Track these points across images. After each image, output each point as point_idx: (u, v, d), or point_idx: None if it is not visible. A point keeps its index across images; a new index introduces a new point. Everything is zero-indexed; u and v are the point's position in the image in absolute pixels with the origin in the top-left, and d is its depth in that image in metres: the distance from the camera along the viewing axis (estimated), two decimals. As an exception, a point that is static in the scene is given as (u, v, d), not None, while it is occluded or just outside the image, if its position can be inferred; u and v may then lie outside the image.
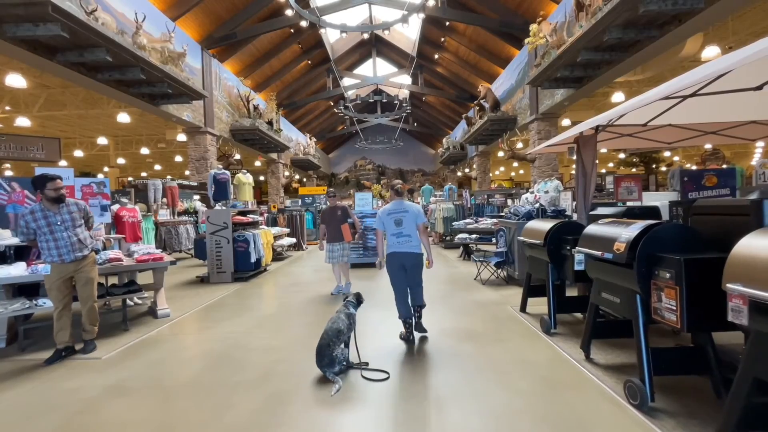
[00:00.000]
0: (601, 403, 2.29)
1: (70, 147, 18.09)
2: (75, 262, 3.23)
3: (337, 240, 5.29)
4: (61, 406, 2.49)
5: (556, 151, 6.32)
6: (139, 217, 5.56)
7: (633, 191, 5.56)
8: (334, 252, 5.31)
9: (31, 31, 6.43)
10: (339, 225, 5.27)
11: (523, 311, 4.12)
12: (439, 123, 28.02)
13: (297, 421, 2.22)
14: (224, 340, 3.65)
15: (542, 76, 10.47)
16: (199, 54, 12.67)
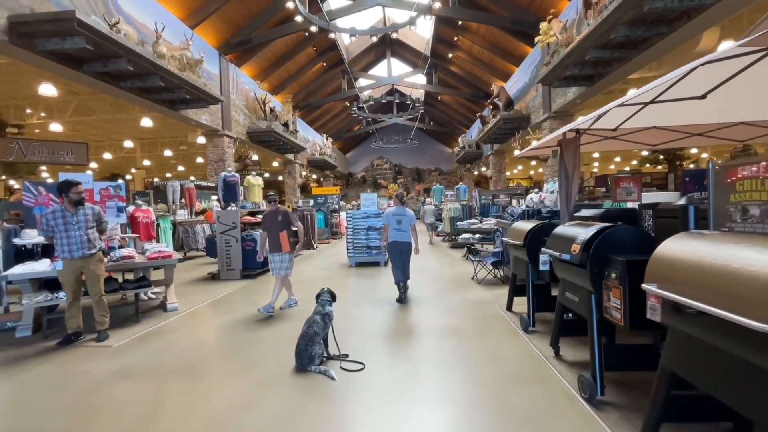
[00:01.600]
0: (556, 396, 2.41)
1: (99, 150, 19.13)
2: (83, 259, 3.60)
3: (276, 249, 4.66)
4: (73, 386, 2.82)
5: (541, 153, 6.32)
6: (152, 218, 5.97)
7: (632, 192, 5.53)
8: (273, 263, 4.68)
9: (59, 44, 6.94)
10: (278, 232, 4.67)
11: (509, 310, 4.23)
12: (455, 122, 27.92)
13: (270, 404, 2.45)
14: (222, 333, 3.93)
15: (552, 75, 10.39)
16: (216, 60, 13.18)
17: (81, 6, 8.11)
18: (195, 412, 2.39)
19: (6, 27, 6.63)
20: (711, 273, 1.40)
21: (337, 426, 2.19)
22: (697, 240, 1.58)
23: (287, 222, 4.73)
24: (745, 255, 1.31)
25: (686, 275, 1.51)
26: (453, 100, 24.53)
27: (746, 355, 1.29)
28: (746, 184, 1.78)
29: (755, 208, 1.74)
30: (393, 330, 3.82)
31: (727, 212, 1.87)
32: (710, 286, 1.39)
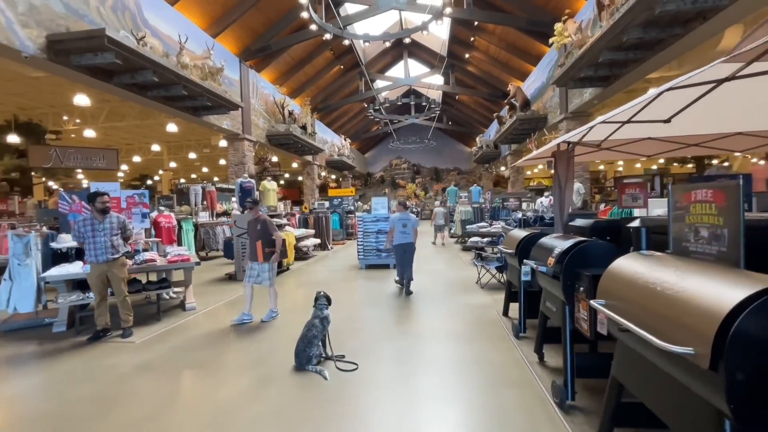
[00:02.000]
0: (530, 400, 2.56)
1: (130, 153, 20.15)
2: (107, 263, 3.98)
3: (253, 258, 4.58)
4: (101, 377, 3.17)
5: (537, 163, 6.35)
6: (173, 223, 6.39)
7: (638, 198, 5.53)
8: (251, 271, 4.57)
9: (91, 59, 7.48)
10: (255, 241, 4.57)
11: (505, 315, 4.36)
12: (473, 121, 27.75)
13: (270, 399, 2.71)
14: (233, 332, 4.25)
15: (566, 76, 10.31)
16: (237, 66, 13.69)
17: (111, 22, 8.66)
18: (204, 404, 2.68)
19: (45, 45, 7.20)
20: (640, 293, 1.55)
21: (327, 420, 2.42)
22: (639, 261, 1.72)
23: (266, 231, 4.55)
24: (667, 278, 1.45)
25: (622, 293, 1.65)
26: (471, 99, 24.41)
27: (665, 366, 1.44)
28: (698, 207, 1.89)
29: (705, 230, 1.86)
30: (391, 332, 4.03)
31: (684, 232, 1.99)
32: (639, 304, 1.53)
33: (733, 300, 1.16)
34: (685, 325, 1.28)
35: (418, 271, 7.66)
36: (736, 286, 1.22)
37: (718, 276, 1.38)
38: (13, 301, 4.37)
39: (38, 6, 7.11)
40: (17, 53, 6.87)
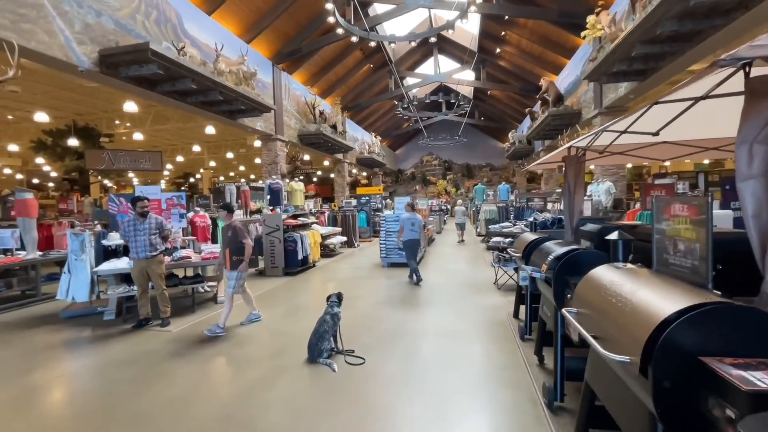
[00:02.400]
0: (522, 400, 2.67)
1: (174, 153, 21.51)
2: (146, 260, 4.46)
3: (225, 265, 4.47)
4: (141, 361, 3.60)
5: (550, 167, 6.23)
6: (208, 222, 6.91)
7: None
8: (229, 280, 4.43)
9: (137, 71, 8.15)
10: (225, 248, 4.43)
11: (515, 317, 4.42)
12: (506, 116, 27.14)
13: (282, 387, 3.00)
14: (258, 324, 4.62)
15: (598, 71, 9.97)
16: (270, 70, 14.26)
17: (155, 35, 9.36)
18: (225, 389, 3.01)
19: (97, 59, 7.93)
20: (601, 303, 1.64)
21: (331, 408, 2.67)
22: (608, 273, 1.81)
23: (236, 238, 4.38)
24: (624, 291, 1.55)
25: (589, 303, 1.75)
26: (503, 94, 23.88)
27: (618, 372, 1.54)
28: (676, 221, 1.95)
29: (681, 243, 1.91)
30: (401, 330, 4.23)
31: (665, 245, 2.05)
32: (600, 314, 1.63)
33: (663, 314, 1.26)
34: (628, 335, 1.39)
35: (439, 270, 7.80)
36: (673, 301, 1.32)
37: (666, 290, 1.46)
38: (71, 291, 4.98)
39: (92, 24, 7.83)
40: (74, 68, 7.63)
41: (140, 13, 8.98)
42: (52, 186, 24.08)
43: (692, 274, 1.84)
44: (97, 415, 2.68)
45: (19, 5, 6.62)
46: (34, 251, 6.02)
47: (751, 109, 1.41)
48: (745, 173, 1.43)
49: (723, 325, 1.21)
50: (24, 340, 4.29)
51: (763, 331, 1.19)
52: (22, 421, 2.67)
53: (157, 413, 2.64)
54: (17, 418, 2.71)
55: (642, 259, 2.32)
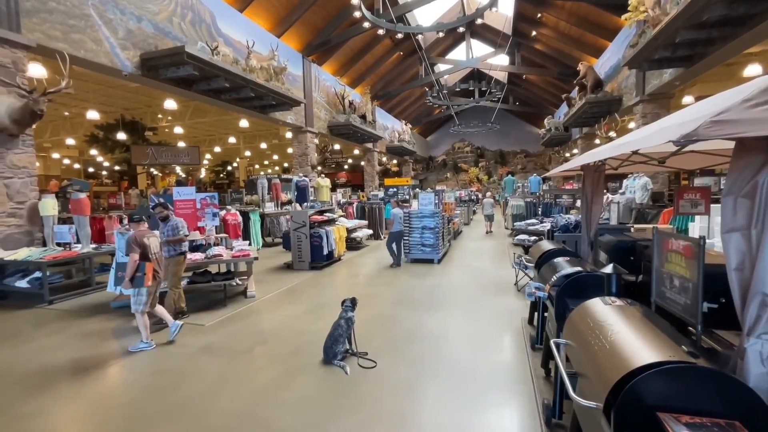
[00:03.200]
0: (522, 414, 2.75)
1: (212, 144, 22.47)
2: (166, 259, 4.77)
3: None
4: (175, 354, 4.00)
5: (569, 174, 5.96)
6: (239, 219, 7.31)
7: (698, 204, 5.15)
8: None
9: (175, 72, 8.61)
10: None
11: (530, 323, 4.44)
12: (542, 101, 26.02)
13: (299, 386, 3.25)
14: (282, 321, 4.93)
15: (639, 58, 9.40)
16: (300, 62, 14.47)
17: (191, 36, 9.77)
18: (246, 386, 3.30)
19: (139, 63, 8.43)
20: (586, 339, 1.70)
21: (341, 410, 2.88)
22: (598, 308, 1.84)
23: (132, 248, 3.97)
24: (603, 331, 1.59)
25: (577, 336, 1.80)
26: (539, 79, 22.89)
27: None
28: (673, 256, 1.94)
29: (677, 280, 1.91)
30: (414, 334, 4.37)
31: (663, 278, 2.04)
32: (581, 349, 1.69)
33: (630, 365, 1.32)
34: (599, 378, 1.45)
35: (462, 267, 7.84)
36: (643, 352, 1.36)
37: (642, 338, 1.50)
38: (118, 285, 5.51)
39: (134, 30, 8.31)
40: (119, 72, 8.16)
41: (176, 16, 9.39)
42: (105, 174, 25.94)
43: (684, 312, 1.85)
44: (136, 405, 3.05)
45: (69, 17, 7.14)
46: (87, 245, 6.66)
47: (738, 163, 1.40)
48: (729, 225, 1.43)
49: (685, 383, 1.26)
50: (80, 328, 4.85)
51: (724, 393, 1.22)
52: (76, 406, 3.09)
53: (187, 407, 2.97)
54: (72, 404, 3.14)
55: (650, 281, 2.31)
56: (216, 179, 30.83)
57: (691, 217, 5.98)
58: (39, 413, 2.98)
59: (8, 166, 6.15)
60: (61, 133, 17.75)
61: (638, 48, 8.95)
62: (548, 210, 8.77)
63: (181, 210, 6.02)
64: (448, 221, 9.52)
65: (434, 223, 8.00)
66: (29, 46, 6.40)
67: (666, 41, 8.08)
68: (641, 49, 8.81)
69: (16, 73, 6.13)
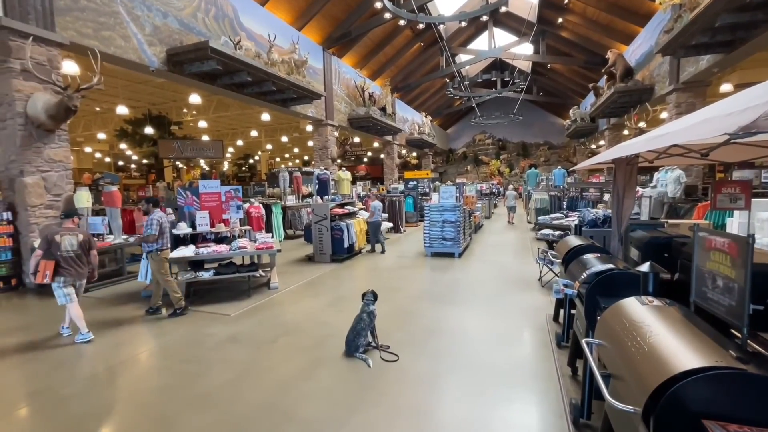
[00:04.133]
0: (548, 413, 2.70)
1: (235, 137, 22.87)
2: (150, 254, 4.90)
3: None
4: (203, 343, 4.12)
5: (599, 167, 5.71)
6: (262, 212, 7.43)
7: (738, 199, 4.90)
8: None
9: (199, 67, 8.75)
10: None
11: (555, 321, 4.33)
12: (568, 91, 25.21)
13: (321, 378, 3.29)
14: (304, 313, 5.00)
15: (674, 44, 8.95)
16: (320, 55, 14.47)
17: (214, 30, 9.90)
18: (270, 376, 3.37)
19: (165, 59, 8.61)
20: (621, 340, 1.63)
21: (363, 402, 2.90)
22: (635, 307, 1.76)
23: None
24: (642, 333, 1.52)
25: (610, 337, 1.73)
26: (565, 68, 22.15)
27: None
28: (717, 255, 1.83)
29: (720, 279, 1.81)
30: (436, 328, 4.35)
31: (704, 277, 1.94)
32: (616, 351, 1.62)
33: (672, 370, 1.25)
34: (637, 381, 1.39)
35: (483, 262, 7.74)
36: (686, 356, 1.30)
37: (684, 341, 1.43)
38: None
39: (160, 26, 8.48)
40: (146, 68, 8.36)
41: (200, 11, 9.52)
42: (133, 167, 26.85)
43: (728, 313, 1.76)
44: (169, 391, 3.16)
45: (99, 14, 7.34)
46: (119, 236, 6.92)
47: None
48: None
49: (734, 391, 1.19)
50: (114, 316, 5.06)
51: (776, 401, 1.15)
52: (114, 389, 3.23)
53: (214, 396, 3.05)
54: (107, 388, 3.28)
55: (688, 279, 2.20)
56: (238, 172, 31.45)
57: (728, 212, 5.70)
58: (80, 395, 3.13)
59: (45, 160, 6.43)
60: (93, 128, 18.44)
61: (673, 33, 8.52)
62: (574, 204, 8.51)
63: (206, 203, 6.16)
64: (469, 215, 9.40)
65: (455, 216, 7.91)
66: (63, 44, 6.63)
67: (704, 26, 7.65)
68: (677, 34, 8.37)
69: (51, 70, 6.37)
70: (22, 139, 6.14)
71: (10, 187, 6.30)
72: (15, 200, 6.28)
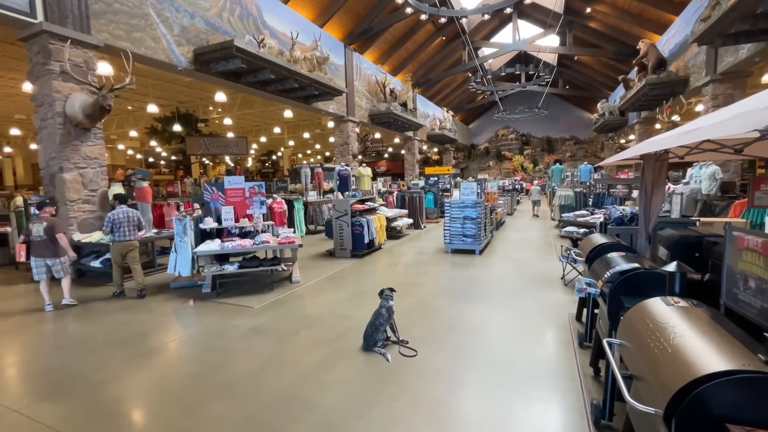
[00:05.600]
0: (569, 413, 2.65)
1: (258, 134, 23.33)
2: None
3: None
4: (228, 334, 4.26)
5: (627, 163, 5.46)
6: (284, 207, 7.58)
7: None
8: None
9: (224, 66, 8.97)
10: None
11: (578, 320, 4.24)
12: (596, 84, 24.39)
13: (341, 370, 3.35)
14: (325, 306, 5.09)
15: (711, 33, 8.52)
16: (342, 52, 14.54)
17: (239, 29, 10.10)
18: (291, 367, 3.46)
19: (192, 58, 8.86)
20: (644, 340, 1.59)
21: (381, 396, 2.95)
22: (660, 308, 1.71)
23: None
24: (667, 334, 1.48)
25: (633, 337, 1.69)
26: (593, 60, 21.43)
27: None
28: (749, 255, 1.76)
29: (752, 281, 1.74)
30: (456, 325, 4.34)
31: (735, 278, 1.87)
32: (640, 351, 1.59)
33: (696, 372, 1.22)
34: (659, 382, 1.36)
35: (505, 259, 7.64)
36: (711, 359, 1.26)
37: (710, 343, 1.38)
38: (177, 267, 5.95)
39: (187, 26, 8.73)
40: (174, 67, 8.63)
41: (226, 11, 9.74)
42: (163, 164, 27.82)
43: (760, 316, 1.69)
44: (194, 379, 3.30)
45: (131, 16, 7.62)
46: (149, 230, 7.22)
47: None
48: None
49: (762, 395, 1.15)
50: (144, 306, 5.30)
51: (808, 408, 1.11)
52: (142, 379, 3.40)
53: (238, 385, 3.17)
54: (140, 373, 3.46)
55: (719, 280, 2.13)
56: (262, 168, 32.08)
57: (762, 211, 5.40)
58: (112, 381, 3.31)
59: (82, 157, 6.77)
60: (125, 126, 19.22)
61: (711, 21, 8.09)
62: (600, 201, 8.25)
63: (231, 198, 6.34)
64: (490, 211, 9.29)
65: (476, 213, 7.83)
66: (98, 46, 6.93)
67: (745, 12, 7.23)
68: (714, 22, 7.96)
69: (87, 71, 6.68)
70: (62, 138, 6.49)
71: (51, 183, 6.67)
72: (55, 195, 6.65)
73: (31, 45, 6.48)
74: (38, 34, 6.29)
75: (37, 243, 5.02)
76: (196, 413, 2.80)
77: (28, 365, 3.69)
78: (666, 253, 3.37)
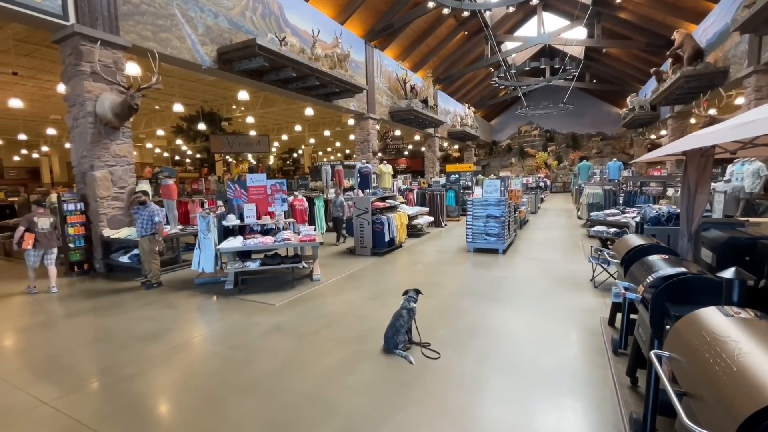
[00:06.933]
0: (605, 425, 2.49)
1: (280, 132, 23.60)
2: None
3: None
4: (250, 331, 4.27)
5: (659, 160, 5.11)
6: (305, 205, 7.58)
7: None
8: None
9: (247, 65, 9.05)
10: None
11: (611, 325, 4.02)
12: (625, 77, 23.45)
13: (362, 372, 3.28)
14: (346, 305, 5.04)
15: (756, 20, 8.01)
16: (362, 49, 14.47)
17: (261, 28, 10.17)
18: (313, 367, 3.42)
19: (216, 57, 8.97)
20: (699, 356, 1.44)
21: (404, 400, 2.86)
22: (718, 319, 1.55)
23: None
24: (729, 349, 1.33)
25: (685, 351, 1.54)
26: (622, 52, 20.60)
27: None
28: (822, 263, 1.57)
29: (826, 291, 1.55)
30: (480, 327, 4.20)
31: (803, 287, 1.67)
32: (695, 367, 1.44)
33: (763, 401, 1.08)
34: (722, 406, 1.22)
35: (529, 259, 7.41)
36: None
37: (784, 363, 1.23)
38: (201, 263, 6.03)
39: (211, 26, 8.84)
40: (199, 66, 8.76)
41: (249, 10, 9.81)
42: (188, 162, 28.56)
43: (837, 331, 1.51)
44: (217, 376, 3.31)
45: (157, 17, 7.76)
46: (175, 226, 7.37)
47: None
48: None
49: None
50: (171, 302, 5.40)
51: None
52: (168, 372, 3.44)
53: (259, 383, 3.15)
54: (165, 369, 3.49)
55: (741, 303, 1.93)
56: (283, 166, 32.47)
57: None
58: (138, 375, 3.36)
59: (112, 155, 6.95)
60: (153, 125, 19.79)
61: (756, 7, 7.60)
62: (631, 199, 7.88)
63: (253, 196, 6.37)
64: (514, 210, 9.03)
65: (500, 212, 7.62)
66: (126, 47, 7.09)
67: (795, -3, 6.73)
68: (761, 8, 7.46)
69: (116, 71, 6.85)
70: (92, 137, 6.68)
71: (82, 180, 6.89)
72: (86, 192, 6.86)
73: (63, 47, 6.69)
74: (70, 36, 6.48)
75: (41, 235, 5.72)
76: (219, 412, 2.79)
77: (57, 359, 3.79)
78: (711, 256, 3.14)
